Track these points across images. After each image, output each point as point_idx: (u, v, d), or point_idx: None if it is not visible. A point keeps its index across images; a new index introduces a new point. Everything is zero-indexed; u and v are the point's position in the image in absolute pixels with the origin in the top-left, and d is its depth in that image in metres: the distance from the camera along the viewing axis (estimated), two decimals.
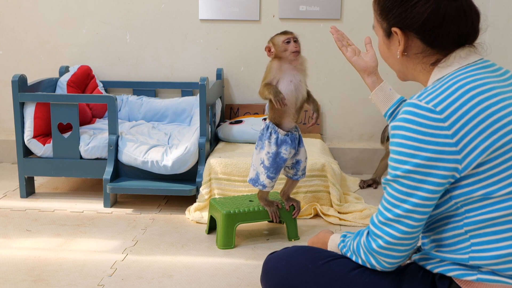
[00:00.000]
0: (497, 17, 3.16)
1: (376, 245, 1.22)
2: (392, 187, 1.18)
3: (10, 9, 3.42)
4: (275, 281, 1.40)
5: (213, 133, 3.00)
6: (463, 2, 1.24)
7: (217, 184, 2.62)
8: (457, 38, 1.24)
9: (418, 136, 1.14)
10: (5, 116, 3.51)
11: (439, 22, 1.22)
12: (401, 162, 1.16)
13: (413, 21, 1.24)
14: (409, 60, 1.30)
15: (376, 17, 1.35)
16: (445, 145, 1.12)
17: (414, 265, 1.30)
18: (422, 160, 1.13)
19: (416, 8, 1.23)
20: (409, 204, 1.16)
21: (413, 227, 1.17)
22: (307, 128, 2.70)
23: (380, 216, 1.21)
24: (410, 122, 1.15)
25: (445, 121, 1.13)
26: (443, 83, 1.19)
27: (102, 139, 2.74)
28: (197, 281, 1.97)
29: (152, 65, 3.43)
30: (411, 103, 1.17)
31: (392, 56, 1.34)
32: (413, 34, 1.26)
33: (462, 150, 1.12)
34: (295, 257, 1.40)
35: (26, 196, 2.83)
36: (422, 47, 1.27)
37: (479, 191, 1.14)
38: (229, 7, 3.31)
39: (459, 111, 1.13)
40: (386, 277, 1.27)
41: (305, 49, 3.38)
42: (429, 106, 1.14)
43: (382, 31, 1.33)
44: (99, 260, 2.12)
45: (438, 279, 1.24)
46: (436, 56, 1.26)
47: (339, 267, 1.32)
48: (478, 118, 1.13)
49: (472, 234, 1.17)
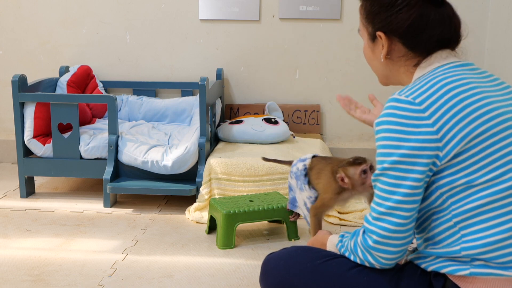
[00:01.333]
0: (497, 17, 3.16)
1: (372, 241, 1.24)
2: (381, 181, 1.22)
3: (10, 9, 3.42)
4: (274, 281, 1.40)
5: (213, 133, 3.00)
6: (447, 9, 1.29)
7: (217, 184, 2.62)
8: (440, 43, 1.29)
9: (401, 128, 1.19)
10: (5, 116, 3.51)
11: (423, 28, 1.27)
12: (386, 154, 1.20)
13: (398, 26, 1.28)
14: (393, 63, 1.35)
15: (362, 20, 1.39)
16: (427, 133, 1.17)
17: (412, 264, 1.31)
18: (407, 150, 1.18)
19: (401, 13, 1.28)
20: (398, 195, 1.19)
21: (405, 218, 1.20)
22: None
23: (373, 212, 1.24)
24: (392, 116, 1.20)
25: (425, 111, 1.18)
26: (422, 80, 1.25)
27: (102, 139, 2.74)
28: (197, 281, 1.97)
29: (152, 65, 3.43)
30: (392, 99, 1.23)
31: (376, 59, 1.38)
32: (396, 38, 1.31)
33: (443, 137, 1.17)
34: (293, 257, 1.41)
35: (26, 196, 2.83)
36: (404, 51, 1.32)
37: (462, 179, 1.18)
38: (229, 7, 3.31)
39: (437, 102, 1.18)
40: (385, 275, 1.28)
41: (305, 49, 3.40)
42: (408, 99, 1.20)
43: (367, 35, 1.38)
44: (99, 260, 2.12)
45: (433, 277, 1.25)
46: (418, 58, 1.31)
47: (337, 266, 1.33)
48: (456, 108, 1.18)
49: (461, 226, 1.19)
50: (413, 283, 1.26)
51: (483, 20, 3.25)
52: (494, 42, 3.18)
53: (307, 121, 3.36)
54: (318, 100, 3.40)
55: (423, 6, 1.27)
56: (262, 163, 2.60)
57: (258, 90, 3.42)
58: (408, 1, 1.27)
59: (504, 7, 3.08)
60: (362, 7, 1.38)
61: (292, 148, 2.93)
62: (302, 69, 3.38)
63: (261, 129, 2.99)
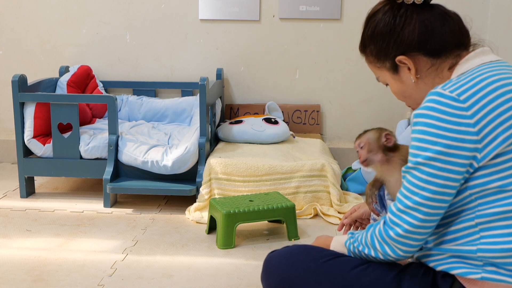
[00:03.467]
0: (497, 17, 3.16)
1: (394, 233, 1.22)
2: (412, 175, 1.20)
3: (10, 9, 3.42)
4: (276, 280, 1.40)
5: (213, 133, 3.00)
6: (439, 7, 1.33)
7: (217, 184, 2.62)
8: (455, 38, 1.30)
9: (440, 123, 1.16)
10: (5, 116, 3.51)
11: (431, 30, 1.29)
12: (422, 149, 1.18)
13: (410, 40, 1.30)
14: (426, 80, 1.33)
15: (375, 66, 1.39)
16: (467, 133, 1.14)
17: (415, 263, 1.31)
18: (443, 148, 1.15)
19: (405, 30, 1.30)
20: (428, 192, 1.17)
21: (431, 214, 1.18)
22: None
23: (399, 204, 1.22)
24: (433, 110, 1.17)
25: (468, 110, 1.15)
26: (467, 75, 1.22)
27: (102, 139, 2.74)
28: (197, 281, 1.97)
29: (152, 65, 3.43)
30: (435, 92, 1.20)
31: (408, 86, 1.36)
32: (415, 53, 1.31)
33: (484, 139, 1.14)
34: (295, 255, 1.40)
35: (26, 196, 2.83)
36: (429, 61, 1.31)
37: (495, 182, 1.16)
38: (229, 7, 3.31)
39: (482, 100, 1.16)
40: (387, 275, 1.28)
41: (305, 49, 3.40)
42: (453, 95, 1.17)
43: (387, 72, 1.37)
44: (99, 260, 2.12)
45: (441, 277, 1.24)
46: (447, 61, 1.30)
47: (340, 265, 1.32)
48: (501, 108, 1.15)
49: (482, 227, 1.18)
50: (415, 283, 1.26)
51: (483, 20, 3.25)
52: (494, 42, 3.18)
53: (307, 121, 3.36)
54: (318, 100, 3.40)
55: (418, 13, 1.30)
56: (262, 163, 2.60)
57: (258, 90, 3.42)
58: (404, 17, 1.30)
59: (504, 7, 3.08)
60: (368, 55, 1.40)
61: (292, 148, 2.93)
62: (302, 69, 3.38)
63: (261, 129, 2.99)
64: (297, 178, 2.60)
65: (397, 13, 1.31)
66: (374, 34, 1.35)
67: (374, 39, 1.35)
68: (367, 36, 1.38)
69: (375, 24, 1.35)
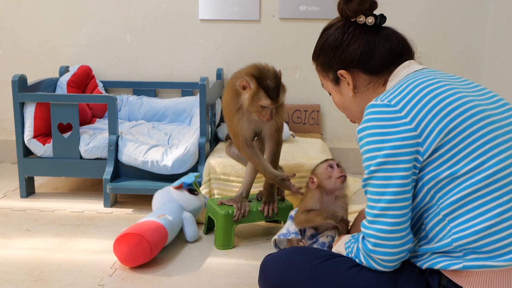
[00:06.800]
0: (497, 17, 3.16)
1: (371, 244, 1.26)
2: (370, 185, 1.26)
3: (10, 9, 3.42)
4: (273, 282, 1.41)
5: (213, 133, 3.00)
6: (388, 30, 1.43)
7: (217, 184, 2.62)
8: (393, 56, 1.40)
9: (381, 130, 1.24)
10: (5, 116, 3.51)
11: (373, 49, 1.39)
12: (371, 158, 1.25)
13: (352, 57, 1.41)
14: (363, 94, 1.44)
15: (321, 75, 1.52)
16: (406, 131, 1.22)
17: (410, 263, 1.32)
18: (390, 150, 1.23)
19: (350, 47, 1.41)
20: (389, 195, 1.23)
21: (399, 216, 1.23)
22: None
23: (368, 216, 1.27)
24: (372, 121, 1.26)
25: (401, 111, 1.24)
26: (396, 86, 1.33)
27: (102, 139, 2.74)
28: (197, 281, 1.97)
29: (152, 65, 3.43)
30: (369, 106, 1.30)
31: (347, 98, 1.48)
32: (356, 69, 1.42)
33: (422, 133, 1.22)
34: (292, 257, 1.42)
35: (26, 196, 2.83)
36: (368, 78, 1.42)
37: (445, 172, 1.22)
38: (229, 7, 3.32)
39: (412, 100, 1.25)
40: (383, 274, 1.30)
41: (305, 49, 3.40)
42: (384, 102, 1.27)
43: (330, 83, 1.49)
44: (99, 260, 2.12)
45: (428, 274, 1.27)
46: (383, 78, 1.41)
47: (336, 265, 1.34)
48: (431, 103, 1.24)
49: (449, 218, 1.22)
50: (411, 282, 1.28)
51: (483, 20, 3.25)
52: (494, 42, 3.18)
53: (307, 121, 3.36)
54: (318, 100, 3.40)
55: (366, 33, 1.41)
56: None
57: None
58: (352, 35, 1.41)
59: (504, 7, 3.08)
60: (317, 64, 1.51)
61: (292, 148, 2.93)
62: (302, 69, 3.38)
63: None
64: (296, 178, 2.60)
65: (346, 30, 1.43)
66: (324, 47, 1.47)
67: (323, 51, 1.47)
68: (318, 47, 1.49)
69: (327, 37, 1.46)
